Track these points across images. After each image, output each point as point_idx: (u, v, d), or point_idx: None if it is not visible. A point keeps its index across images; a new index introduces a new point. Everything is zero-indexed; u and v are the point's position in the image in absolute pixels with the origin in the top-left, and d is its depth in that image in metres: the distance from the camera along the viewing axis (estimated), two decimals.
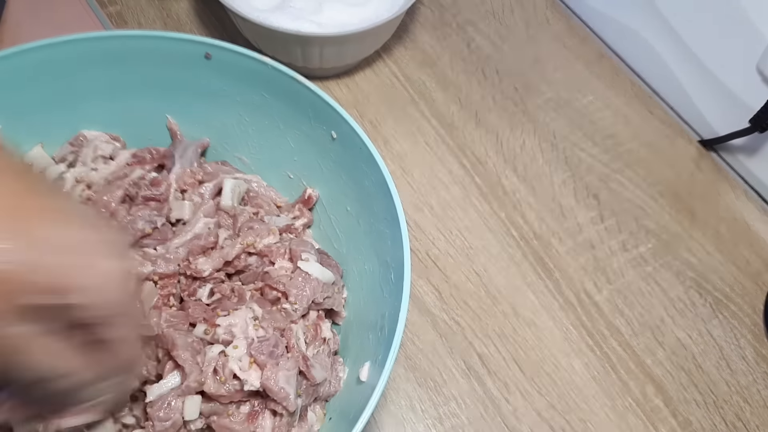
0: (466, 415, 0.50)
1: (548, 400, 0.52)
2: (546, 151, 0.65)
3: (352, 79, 0.68)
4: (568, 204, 0.62)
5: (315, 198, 0.52)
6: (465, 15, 0.75)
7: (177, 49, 0.49)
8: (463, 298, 0.56)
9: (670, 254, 0.60)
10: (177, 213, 0.48)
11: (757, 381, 0.54)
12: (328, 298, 0.46)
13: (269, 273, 0.46)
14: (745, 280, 0.59)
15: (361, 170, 0.46)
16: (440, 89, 0.68)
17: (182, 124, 0.54)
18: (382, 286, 0.44)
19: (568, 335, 0.55)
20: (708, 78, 0.67)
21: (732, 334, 0.56)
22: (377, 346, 0.41)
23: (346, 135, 0.47)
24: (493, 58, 0.72)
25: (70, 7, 0.67)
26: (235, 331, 0.41)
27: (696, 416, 0.52)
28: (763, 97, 0.61)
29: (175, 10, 0.71)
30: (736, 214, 0.63)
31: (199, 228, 0.47)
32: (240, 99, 0.51)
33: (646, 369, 0.54)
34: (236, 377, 0.40)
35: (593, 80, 0.71)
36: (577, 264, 0.59)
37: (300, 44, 0.60)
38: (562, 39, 0.74)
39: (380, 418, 0.50)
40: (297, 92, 0.48)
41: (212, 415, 0.41)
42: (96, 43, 0.48)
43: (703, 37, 0.66)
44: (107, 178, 0.49)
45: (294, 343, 0.42)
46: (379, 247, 0.45)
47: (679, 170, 0.66)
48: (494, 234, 0.59)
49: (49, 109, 0.50)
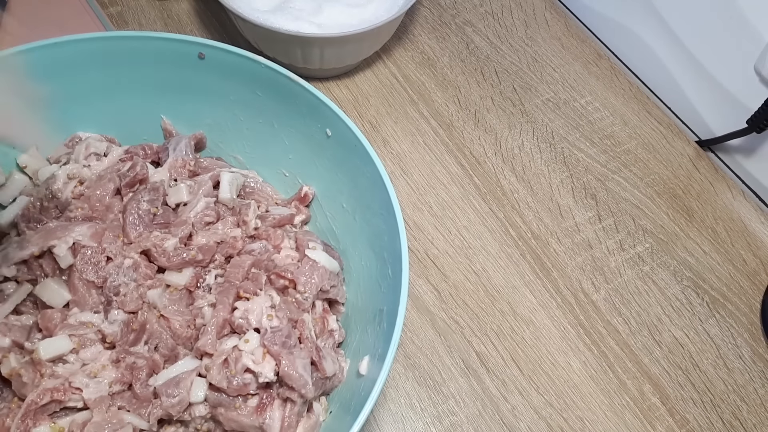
0: (464, 413, 0.51)
1: (546, 398, 0.52)
2: (544, 151, 0.66)
3: (352, 80, 0.68)
4: (566, 204, 0.62)
5: (311, 195, 0.52)
6: (464, 16, 0.75)
7: (171, 49, 0.49)
8: (461, 297, 0.56)
9: (668, 254, 0.60)
10: (175, 197, 0.48)
11: (754, 380, 0.54)
12: (334, 287, 0.46)
13: (275, 261, 0.46)
14: (742, 279, 0.59)
15: (356, 167, 0.46)
16: (439, 90, 0.69)
17: (177, 123, 0.54)
18: (379, 281, 0.44)
19: (565, 334, 0.55)
20: (706, 79, 0.67)
21: (729, 333, 0.56)
22: (376, 340, 0.41)
23: (340, 132, 0.47)
24: (491, 58, 0.72)
25: (70, 7, 0.67)
26: (251, 319, 0.42)
27: (693, 414, 0.52)
28: (760, 98, 0.61)
29: (175, 11, 0.71)
30: (733, 213, 0.63)
31: (201, 206, 0.47)
32: (234, 98, 0.51)
33: (644, 367, 0.54)
34: (248, 371, 0.40)
35: (591, 81, 0.71)
36: (574, 263, 0.59)
37: (300, 45, 0.60)
38: (561, 39, 0.75)
39: (379, 415, 0.50)
40: (291, 90, 0.48)
41: (218, 406, 0.41)
42: (90, 43, 0.49)
43: (701, 38, 0.67)
44: (99, 173, 0.49)
45: (307, 334, 0.43)
46: (375, 242, 0.45)
47: (676, 170, 0.66)
48: (493, 233, 0.60)
49: (46, 110, 0.50)
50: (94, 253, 0.44)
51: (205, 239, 0.46)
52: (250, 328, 0.42)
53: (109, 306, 0.43)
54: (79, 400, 0.40)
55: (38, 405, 0.39)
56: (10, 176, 0.50)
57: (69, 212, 0.46)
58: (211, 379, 0.40)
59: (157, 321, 0.43)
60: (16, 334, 0.42)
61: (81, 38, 0.48)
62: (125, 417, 0.40)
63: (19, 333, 0.42)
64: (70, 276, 0.43)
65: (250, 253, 0.47)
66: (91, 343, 0.42)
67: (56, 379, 0.40)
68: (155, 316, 0.43)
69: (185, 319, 0.43)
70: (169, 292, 0.44)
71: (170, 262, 0.44)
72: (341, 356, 0.45)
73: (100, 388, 0.41)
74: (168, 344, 0.42)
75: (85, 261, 0.43)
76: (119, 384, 0.41)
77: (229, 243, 0.47)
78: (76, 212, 0.46)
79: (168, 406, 0.40)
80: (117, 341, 0.43)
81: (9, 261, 0.44)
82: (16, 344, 0.42)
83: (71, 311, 0.43)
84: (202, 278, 0.45)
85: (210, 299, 0.43)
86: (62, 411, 0.40)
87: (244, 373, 0.40)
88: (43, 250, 0.43)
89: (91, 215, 0.46)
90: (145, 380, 0.41)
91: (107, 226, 0.45)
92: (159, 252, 0.45)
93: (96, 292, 0.43)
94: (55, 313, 0.43)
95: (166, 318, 0.43)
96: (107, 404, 0.40)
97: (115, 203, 0.47)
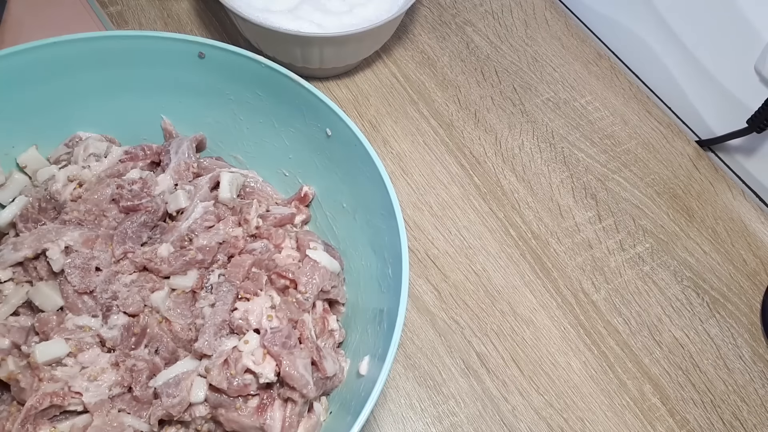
0: (464, 414, 0.51)
1: (546, 398, 0.52)
2: (544, 151, 0.66)
3: (352, 80, 0.68)
4: (566, 204, 0.62)
5: (311, 195, 0.52)
6: (464, 15, 0.75)
7: (171, 49, 0.49)
8: (461, 298, 0.56)
9: (668, 254, 0.60)
10: (174, 205, 0.48)
11: (754, 380, 0.54)
12: (335, 288, 0.46)
13: (276, 261, 0.46)
14: (743, 279, 0.59)
15: (356, 166, 0.46)
16: (439, 89, 0.69)
17: (177, 123, 0.54)
18: (380, 281, 0.44)
19: (566, 334, 0.55)
20: (706, 78, 0.67)
21: (729, 334, 0.56)
22: (376, 340, 0.41)
23: (340, 132, 0.47)
24: (492, 58, 0.72)
25: (70, 7, 0.67)
26: (251, 319, 0.42)
27: (693, 415, 0.52)
28: (760, 98, 0.61)
29: (175, 11, 0.71)
30: (733, 213, 0.63)
31: (198, 212, 0.47)
32: (234, 97, 0.51)
33: (644, 368, 0.54)
34: (248, 371, 0.40)
35: (591, 80, 0.71)
36: (574, 263, 0.59)
37: (300, 45, 0.60)
38: (561, 39, 0.75)
39: (380, 416, 0.50)
40: (291, 90, 0.48)
41: (219, 407, 0.41)
42: (90, 43, 0.49)
43: (701, 38, 0.67)
44: (99, 175, 0.49)
45: (307, 334, 0.43)
46: (376, 242, 0.45)
47: (676, 170, 0.66)
48: (493, 233, 0.60)
49: (46, 110, 0.50)
50: (84, 260, 0.43)
51: (206, 240, 0.46)
52: (250, 329, 0.42)
53: (108, 311, 0.43)
54: (79, 403, 0.40)
55: (38, 410, 0.39)
56: (9, 176, 0.50)
57: (64, 214, 0.46)
58: (211, 380, 0.40)
59: (158, 325, 0.42)
60: (15, 336, 0.42)
61: (81, 38, 0.48)
62: (126, 420, 0.40)
63: (17, 334, 0.42)
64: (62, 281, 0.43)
65: (251, 252, 0.47)
66: (89, 346, 0.42)
67: (55, 383, 0.40)
68: (156, 320, 0.43)
69: (186, 322, 0.43)
70: (174, 295, 0.44)
71: (171, 266, 0.44)
72: (341, 356, 0.45)
73: (100, 392, 0.40)
74: (169, 347, 0.42)
75: (74, 267, 0.43)
76: (119, 387, 0.41)
77: (230, 242, 0.47)
78: (72, 215, 0.46)
79: (168, 406, 0.40)
80: (117, 345, 0.42)
81: (4, 263, 0.43)
82: (15, 346, 0.42)
83: (68, 315, 0.43)
84: (206, 278, 0.45)
85: (210, 299, 0.43)
86: (62, 415, 0.40)
87: (245, 374, 0.40)
88: (38, 252, 0.43)
89: (85, 219, 0.46)
90: (145, 383, 0.41)
91: (100, 233, 0.45)
92: (156, 262, 0.44)
93: (88, 298, 0.43)
94: (52, 316, 0.42)
95: (168, 321, 0.43)
96: (107, 407, 0.40)
97: (112, 209, 0.47)
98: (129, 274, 0.45)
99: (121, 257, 0.45)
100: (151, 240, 0.47)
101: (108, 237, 0.45)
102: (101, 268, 0.44)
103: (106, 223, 0.46)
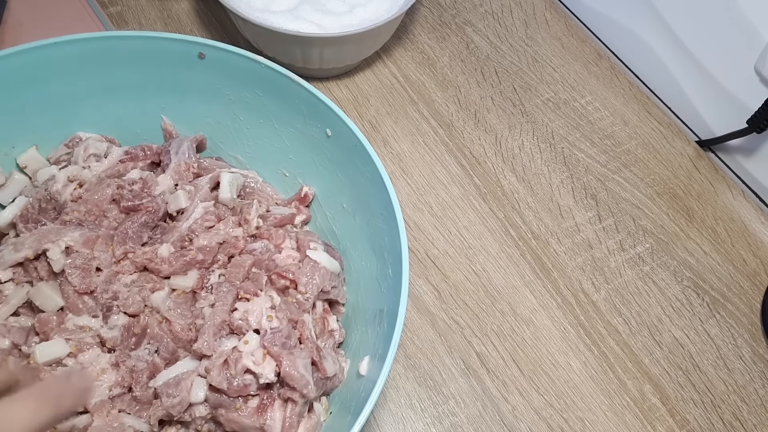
0: (464, 414, 0.51)
1: (546, 398, 0.52)
2: (544, 152, 0.66)
3: (352, 80, 0.68)
4: (567, 204, 0.62)
5: (311, 195, 0.52)
6: (464, 16, 0.75)
7: (171, 49, 0.49)
8: (461, 298, 0.56)
9: (668, 254, 0.60)
10: (174, 205, 0.48)
11: (754, 380, 0.54)
12: (335, 288, 0.46)
13: (276, 261, 0.46)
14: (743, 279, 0.59)
15: (356, 167, 0.46)
16: (439, 89, 0.69)
17: (177, 123, 0.54)
18: (379, 281, 0.44)
19: (566, 334, 0.55)
20: (706, 79, 0.67)
21: (729, 334, 0.56)
22: (376, 340, 0.41)
23: (340, 132, 0.47)
24: (492, 58, 0.72)
25: (70, 7, 0.67)
26: (251, 320, 0.42)
27: (693, 415, 0.52)
28: (760, 98, 0.61)
29: (175, 11, 0.71)
30: (733, 214, 0.63)
31: (198, 213, 0.47)
32: (234, 98, 0.51)
33: (644, 368, 0.54)
34: (248, 372, 0.40)
35: (591, 81, 0.71)
36: (575, 264, 0.59)
37: (300, 45, 0.60)
38: (561, 39, 0.75)
39: (380, 416, 0.50)
40: (291, 90, 0.48)
41: (219, 407, 0.41)
42: (90, 43, 0.49)
43: (701, 38, 0.67)
44: (99, 175, 0.49)
45: (307, 334, 0.43)
46: (375, 242, 0.45)
47: (676, 170, 0.66)
48: (493, 234, 0.60)
49: (46, 110, 0.50)
50: (84, 261, 0.43)
51: (206, 240, 0.46)
52: (250, 329, 0.42)
53: (109, 312, 0.43)
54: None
55: None
56: (10, 176, 0.50)
57: (65, 215, 0.46)
58: (211, 381, 0.40)
59: (158, 325, 0.42)
60: (15, 336, 0.42)
61: (81, 38, 0.48)
62: (126, 420, 0.40)
63: (18, 335, 0.42)
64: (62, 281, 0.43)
65: (251, 252, 0.47)
66: (89, 347, 0.42)
67: None
68: (157, 320, 0.43)
69: (187, 322, 0.43)
70: (174, 295, 0.44)
71: (172, 266, 0.44)
72: (341, 356, 0.45)
73: (100, 392, 0.40)
74: (169, 347, 0.42)
75: (74, 267, 0.43)
76: (119, 387, 0.41)
77: (230, 243, 0.47)
78: (72, 215, 0.46)
79: (168, 406, 0.40)
80: (117, 346, 0.42)
81: (4, 264, 0.43)
82: (15, 346, 0.42)
83: (68, 315, 0.43)
84: (206, 279, 0.45)
85: (210, 300, 0.43)
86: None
87: (245, 374, 0.40)
88: (38, 253, 0.43)
89: (86, 219, 0.46)
90: (145, 383, 0.41)
91: (101, 234, 0.45)
92: (157, 262, 0.44)
93: (89, 298, 0.43)
94: (52, 316, 0.42)
95: (168, 321, 0.43)
96: (108, 408, 0.40)
97: (112, 209, 0.47)
98: (129, 274, 0.45)
99: (121, 257, 0.45)
100: (151, 240, 0.47)
101: (108, 237, 0.45)
102: (102, 269, 0.44)
103: (107, 223, 0.46)
